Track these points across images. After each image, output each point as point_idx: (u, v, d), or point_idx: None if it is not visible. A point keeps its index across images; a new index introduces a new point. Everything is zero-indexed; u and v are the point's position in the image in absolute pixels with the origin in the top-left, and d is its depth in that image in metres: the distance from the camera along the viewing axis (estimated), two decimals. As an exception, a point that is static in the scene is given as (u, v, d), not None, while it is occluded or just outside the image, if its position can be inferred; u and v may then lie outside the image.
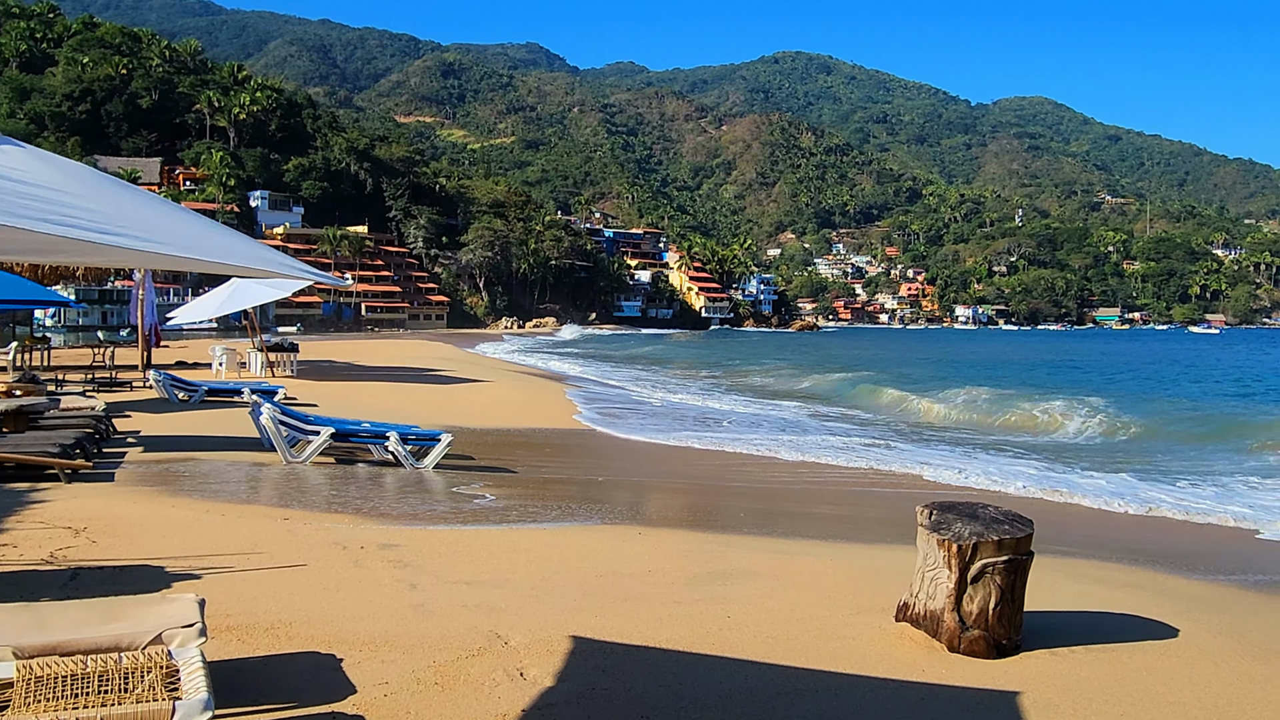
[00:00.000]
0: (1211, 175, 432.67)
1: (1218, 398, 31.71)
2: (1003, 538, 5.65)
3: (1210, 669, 5.66)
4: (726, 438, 17.75)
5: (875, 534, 9.82)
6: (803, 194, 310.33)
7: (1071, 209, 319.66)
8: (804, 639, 5.70)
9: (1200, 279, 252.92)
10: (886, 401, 27.67)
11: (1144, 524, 11.53)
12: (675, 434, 18.40)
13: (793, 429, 20.29)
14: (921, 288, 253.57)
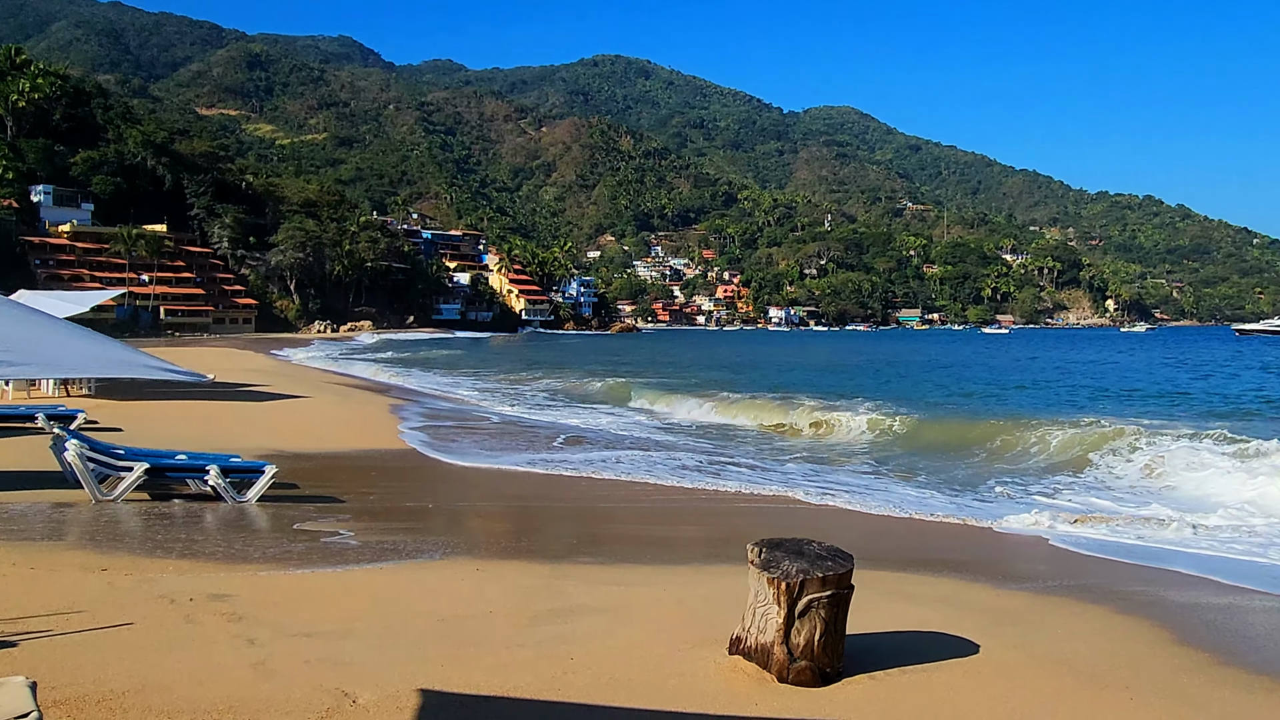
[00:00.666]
0: (1001, 185, 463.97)
1: (1012, 403, 34.14)
2: (826, 574, 6.07)
3: (1007, 684, 6.25)
4: (556, 458, 17.94)
5: (697, 554, 10.26)
6: (622, 197, 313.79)
7: (876, 215, 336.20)
8: (644, 678, 5.96)
9: (992, 282, 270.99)
10: (692, 413, 28.19)
11: (942, 531, 12.42)
12: (503, 452, 18.47)
13: (614, 443, 20.70)
14: (737, 290, 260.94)
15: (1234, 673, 6.82)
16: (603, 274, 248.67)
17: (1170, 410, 28.83)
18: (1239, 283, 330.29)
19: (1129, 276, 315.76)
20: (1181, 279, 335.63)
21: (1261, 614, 8.69)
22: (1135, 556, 11.16)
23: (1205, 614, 8.54)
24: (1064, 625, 7.93)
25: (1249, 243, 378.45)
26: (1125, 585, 9.57)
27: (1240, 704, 6.14)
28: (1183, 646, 7.42)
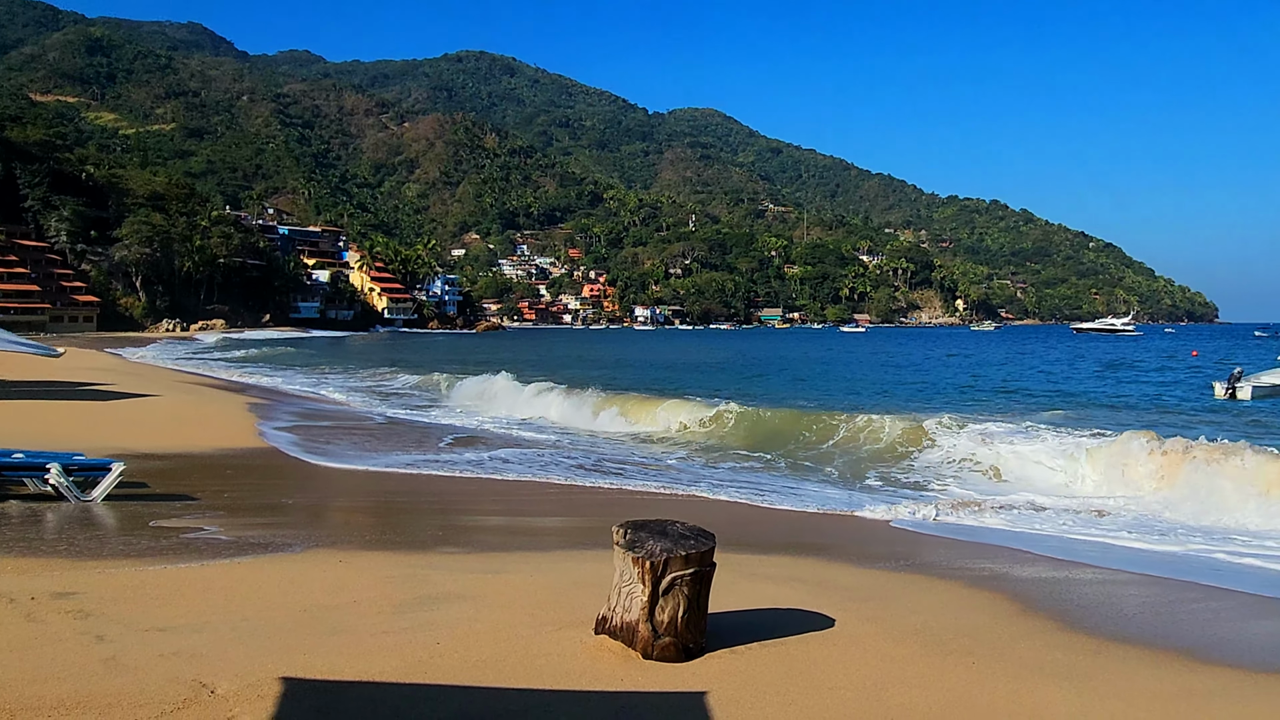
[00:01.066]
0: (858, 188, 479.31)
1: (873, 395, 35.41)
2: (689, 552, 6.24)
3: (860, 653, 6.56)
4: (437, 459, 17.75)
5: (566, 542, 10.36)
6: (487, 195, 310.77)
7: (739, 215, 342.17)
8: (511, 659, 6.01)
9: (849, 282, 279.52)
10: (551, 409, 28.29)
11: (802, 518, 12.87)
12: (374, 453, 18.19)
13: (474, 441, 20.61)
14: (603, 289, 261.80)
15: (1068, 637, 7.31)
16: (467, 272, 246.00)
17: (1009, 404, 30.49)
18: (1076, 284, 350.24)
19: (977, 277, 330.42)
20: (1025, 280, 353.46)
21: (1093, 585, 9.32)
22: (980, 537, 11.83)
23: (1044, 587, 9.11)
24: (914, 600, 8.33)
25: (1085, 246, 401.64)
26: (971, 563, 10.12)
27: (1071, 663, 6.60)
28: (1023, 616, 7.92)
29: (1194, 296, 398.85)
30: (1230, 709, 5.82)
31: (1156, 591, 9.15)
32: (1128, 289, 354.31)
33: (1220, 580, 9.65)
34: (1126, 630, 7.65)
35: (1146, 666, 6.65)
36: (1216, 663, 6.85)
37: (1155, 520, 12.83)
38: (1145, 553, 11.02)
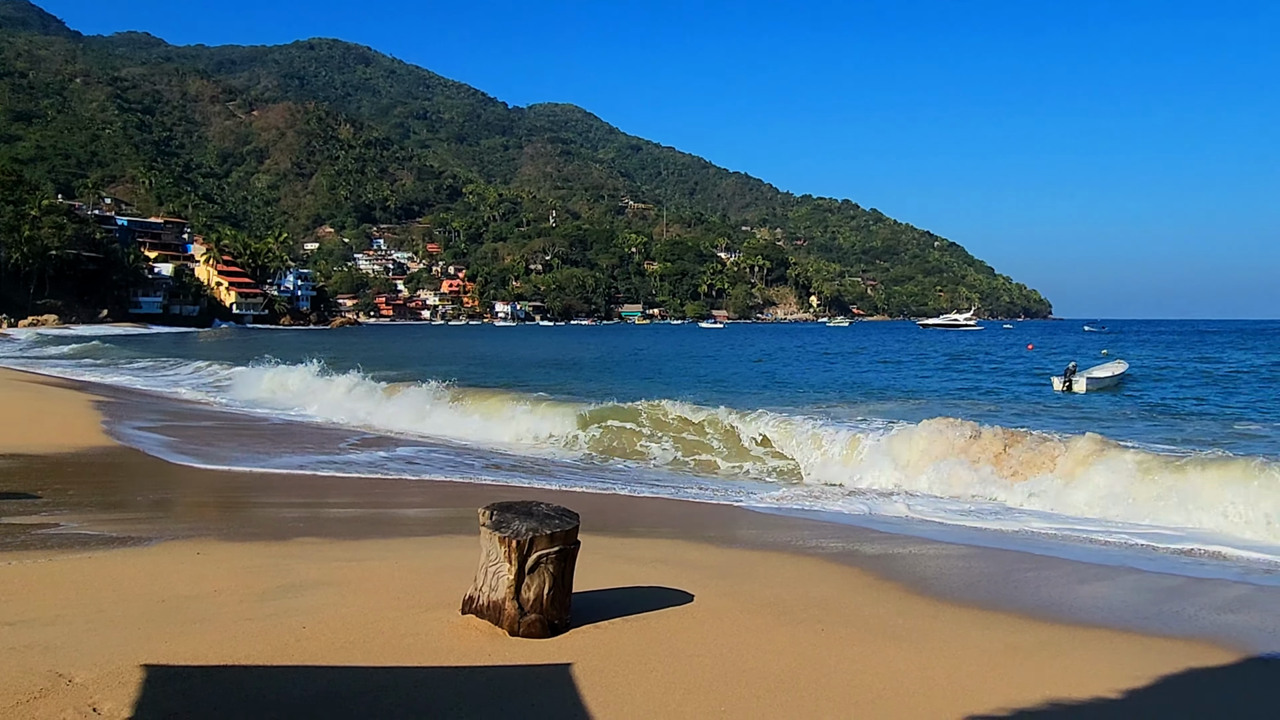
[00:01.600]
0: (716, 186, 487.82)
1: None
2: (554, 531, 6.44)
3: (717, 624, 6.89)
4: (267, 453, 17.39)
5: (434, 529, 10.39)
6: (342, 187, 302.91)
7: (600, 212, 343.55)
8: (379, 640, 6.09)
9: (708, 279, 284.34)
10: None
11: (664, 504, 13.24)
12: (214, 446, 17.71)
13: (324, 441, 20.30)
14: (463, 284, 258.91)
15: (911, 603, 7.83)
16: (322, 267, 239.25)
17: (866, 396, 31.80)
18: (923, 281, 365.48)
19: (830, 275, 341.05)
20: (875, 277, 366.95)
21: (935, 559, 9.96)
22: (831, 519, 12.44)
23: (890, 561, 9.68)
24: (769, 575, 8.74)
25: (931, 245, 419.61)
26: (824, 542, 10.64)
27: (912, 626, 7.09)
28: (870, 587, 8.42)
29: (1030, 294, 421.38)
30: (1050, 660, 6.38)
31: (993, 563, 9.83)
32: (970, 286, 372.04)
33: (1050, 552, 10.43)
34: (964, 596, 8.24)
35: (979, 628, 7.19)
36: (1042, 621, 7.46)
37: (991, 503, 13.68)
38: (983, 530, 11.78)
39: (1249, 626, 7.60)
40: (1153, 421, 23.81)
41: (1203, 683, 6.15)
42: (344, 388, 27.47)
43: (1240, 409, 27.64)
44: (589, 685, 5.44)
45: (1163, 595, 8.56)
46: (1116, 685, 5.92)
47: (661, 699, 5.28)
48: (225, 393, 30.72)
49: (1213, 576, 9.37)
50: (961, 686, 5.74)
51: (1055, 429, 17.37)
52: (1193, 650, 6.79)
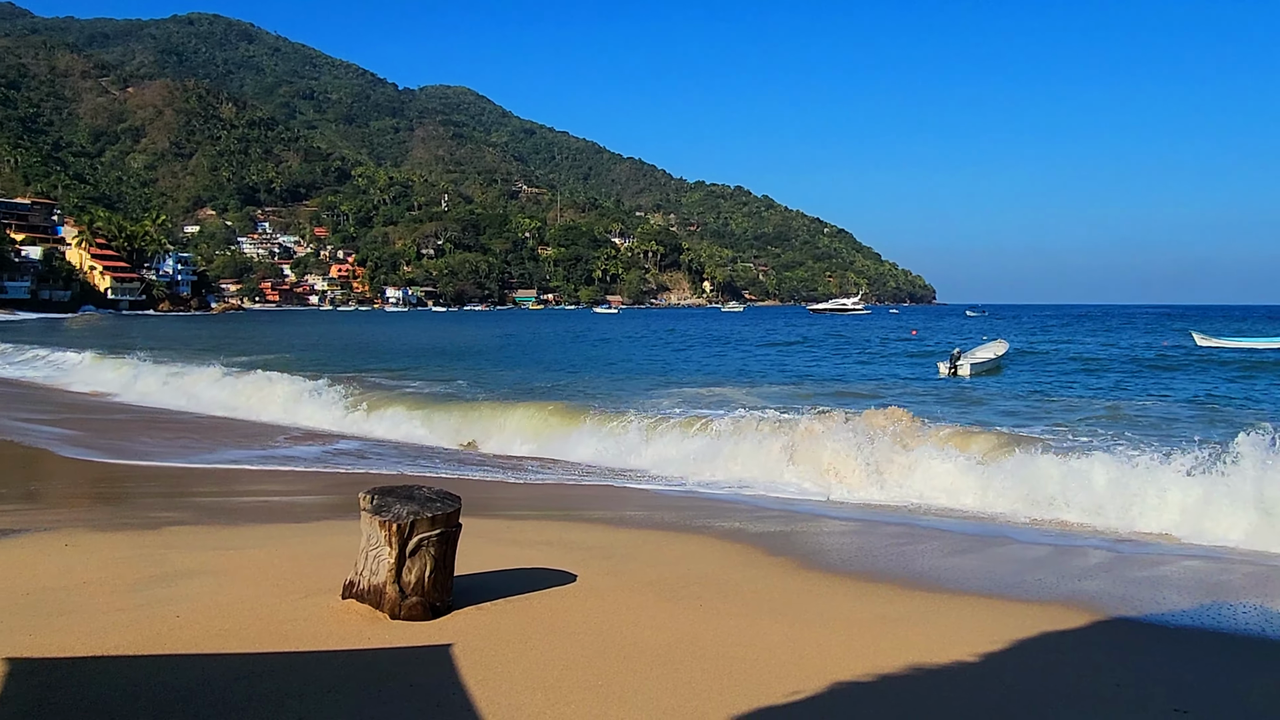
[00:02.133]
0: (610, 171, 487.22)
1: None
2: (435, 514, 6.48)
3: (598, 602, 7.03)
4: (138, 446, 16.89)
5: (315, 516, 10.27)
6: (224, 168, 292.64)
7: (493, 196, 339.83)
8: (257, 627, 6.04)
9: (602, 264, 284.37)
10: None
11: (551, 490, 13.33)
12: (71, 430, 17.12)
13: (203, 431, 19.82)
14: (352, 269, 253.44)
15: (789, 579, 8.09)
16: (203, 250, 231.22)
17: (758, 380, 32.40)
18: (813, 266, 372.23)
19: (723, 260, 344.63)
20: (766, 263, 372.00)
21: (817, 535, 10.30)
22: (720, 499, 12.69)
23: (774, 539, 9.92)
24: (653, 554, 8.92)
25: (821, 231, 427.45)
26: (711, 521, 10.87)
27: (788, 600, 7.35)
28: (750, 564, 8.64)
29: (915, 279, 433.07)
30: (915, 628, 6.69)
31: (872, 538, 10.21)
32: (858, 272, 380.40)
33: (927, 525, 10.86)
34: (841, 569, 8.54)
35: (852, 599, 7.49)
36: (913, 589, 7.81)
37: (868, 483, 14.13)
38: (869, 506, 12.18)
39: (1101, 591, 8.09)
40: (1027, 400, 24.92)
41: (1052, 643, 6.54)
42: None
43: (1107, 390, 29.09)
44: (469, 664, 5.52)
45: (1027, 565, 9.02)
46: (976, 649, 6.26)
47: (539, 675, 5.39)
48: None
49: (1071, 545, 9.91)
50: (830, 655, 5.99)
51: (937, 412, 18.03)
52: (1047, 614, 7.20)
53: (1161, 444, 13.08)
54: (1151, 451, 12.08)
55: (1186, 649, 6.50)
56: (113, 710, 4.66)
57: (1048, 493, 11.78)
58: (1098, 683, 5.69)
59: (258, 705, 4.79)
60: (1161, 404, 23.73)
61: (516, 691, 5.12)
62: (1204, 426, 18.16)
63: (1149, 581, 8.41)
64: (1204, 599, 7.78)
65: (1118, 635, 6.87)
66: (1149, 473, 11.34)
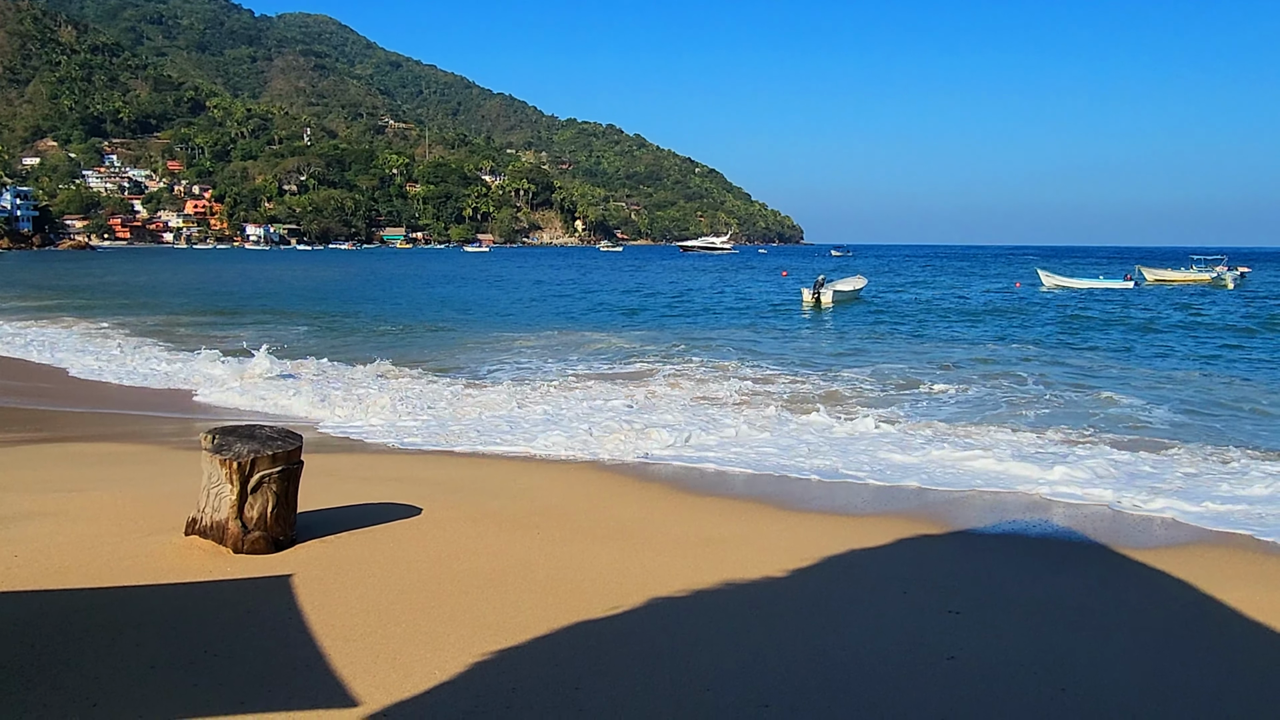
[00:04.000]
0: (480, 107, 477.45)
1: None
2: (276, 452, 6.70)
3: (440, 533, 7.39)
4: None
5: (166, 457, 10.28)
6: (65, 97, 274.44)
7: (358, 131, 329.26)
8: (97, 564, 6.19)
9: (473, 202, 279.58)
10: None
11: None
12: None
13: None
14: (210, 205, 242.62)
15: (630, 507, 8.58)
16: (45, 184, 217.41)
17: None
18: (684, 206, 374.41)
19: (595, 199, 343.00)
20: (639, 202, 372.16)
21: (657, 468, 10.81)
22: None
23: (619, 471, 10.42)
24: (501, 488, 9.30)
25: (692, 171, 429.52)
26: (565, 452, 11.29)
27: (620, 529, 7.84)
28: (588, 497, 9.12)
29: (784, 219, 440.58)
30: (734, 550, 7.27)
31: (693, 472, 10.80)
32: (729, 212, 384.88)
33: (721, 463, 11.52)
34: (673, 502, 9.09)
35: (679, 525, 8.04)
36: (740, 516, 8.41)
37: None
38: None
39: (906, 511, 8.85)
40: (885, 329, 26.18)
41: (856, 558, 7.22)
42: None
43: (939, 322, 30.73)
44: (307, 592, 5.82)
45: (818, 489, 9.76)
46: (785, 566, 6.88)
47: (375, 599, 5.74)
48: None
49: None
50: (653, 575, 6.51)
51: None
52: (857, 532, 7.90)
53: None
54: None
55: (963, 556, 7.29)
56: (-53, 644, 4.81)
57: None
58: (888, 589, 6.37)
59: (94, 634, 5.00)
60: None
61: (351, 614, 5.46)
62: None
63: (946, 504, 9.23)
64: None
65: (914, 546, 7.61)
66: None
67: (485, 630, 5.29)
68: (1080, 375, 19.52)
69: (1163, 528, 8.43)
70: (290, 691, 4.39)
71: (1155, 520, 8.63)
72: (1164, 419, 14.36)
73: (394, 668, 4.70)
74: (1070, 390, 17.13)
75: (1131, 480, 10.00)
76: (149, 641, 4.93)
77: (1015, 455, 11.14)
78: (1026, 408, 15.17)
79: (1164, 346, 25.92)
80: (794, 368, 20.10)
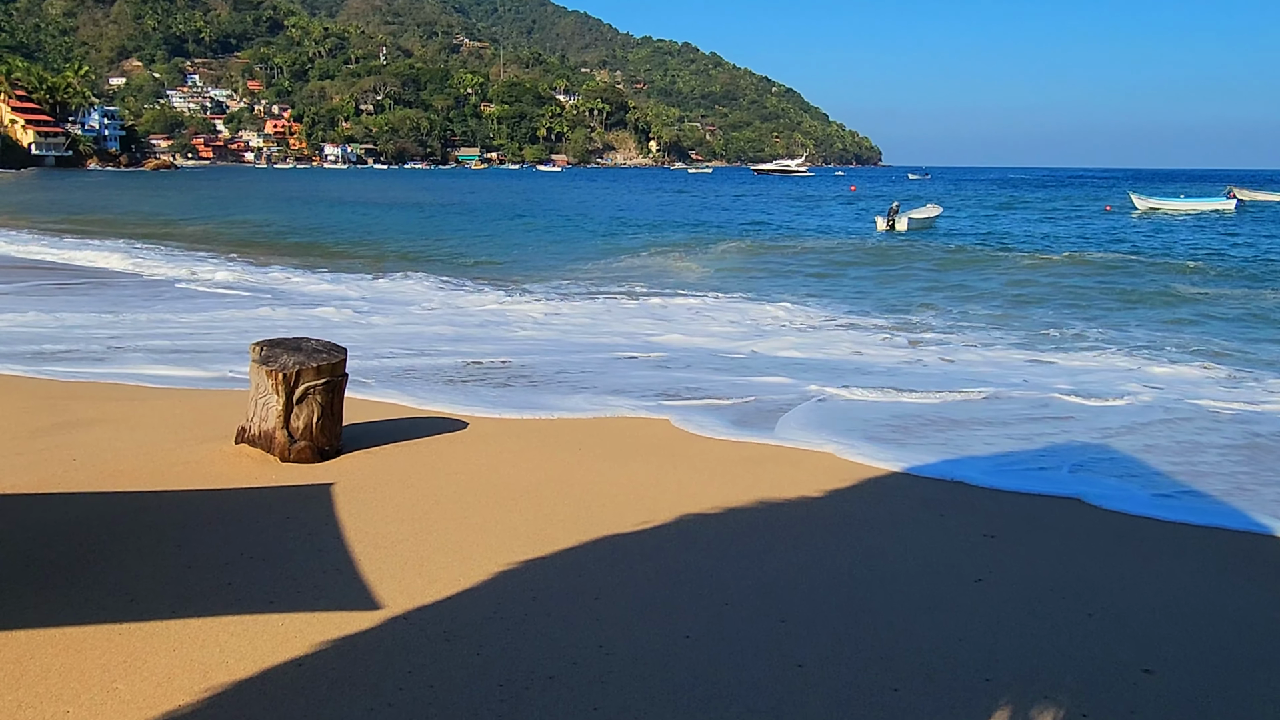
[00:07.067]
0: (555, 25, 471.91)
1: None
2: (321, 364, 6.83)
3: (482, 446, 7.51)
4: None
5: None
6: (149, 16, 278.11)
7: (433, 50, 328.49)
8: (150, 469, 6.43)
9: (547, 122, 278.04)
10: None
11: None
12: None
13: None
14: (288, 125, 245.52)
15: (671, 433, 8.58)
16: (130, 105, 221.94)
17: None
18: (760, 127, 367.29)
19: (669, 120, 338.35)
20: (714, 123, 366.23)
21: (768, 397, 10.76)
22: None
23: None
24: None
25: (769, 90, 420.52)
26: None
27: (664, 447, 7.86)
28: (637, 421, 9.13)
29: (862, 141, 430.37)
30: (769, 468, 7.26)
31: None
32: (805, 133, 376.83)
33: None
34: (713, 428, 9.05)
35: (724, 446, 8.03)
36: (781, 441, 8.37)
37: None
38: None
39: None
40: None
41: (892, 483, 7.16)
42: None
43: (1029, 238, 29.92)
44: (346, 501, 5.97)
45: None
46: (823, 486, 6.85)
47: (410, 509, 5.86)
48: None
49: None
50: (687, 492, 6.54)
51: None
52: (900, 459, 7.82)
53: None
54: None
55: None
56: (2, 541, 5.05)
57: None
58: (922, 513, 6.32)
59: (139, 536, 5.20)
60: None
61: (386, 523, 5.59)
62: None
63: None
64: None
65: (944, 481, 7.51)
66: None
67: (515, 541, 5.38)
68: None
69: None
70: (318, 593, 4.53)
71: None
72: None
73: (419, 574, 4.82)
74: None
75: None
76: (190, 543, 5.12)
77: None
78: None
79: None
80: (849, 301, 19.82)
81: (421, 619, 4.31)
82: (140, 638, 4.02)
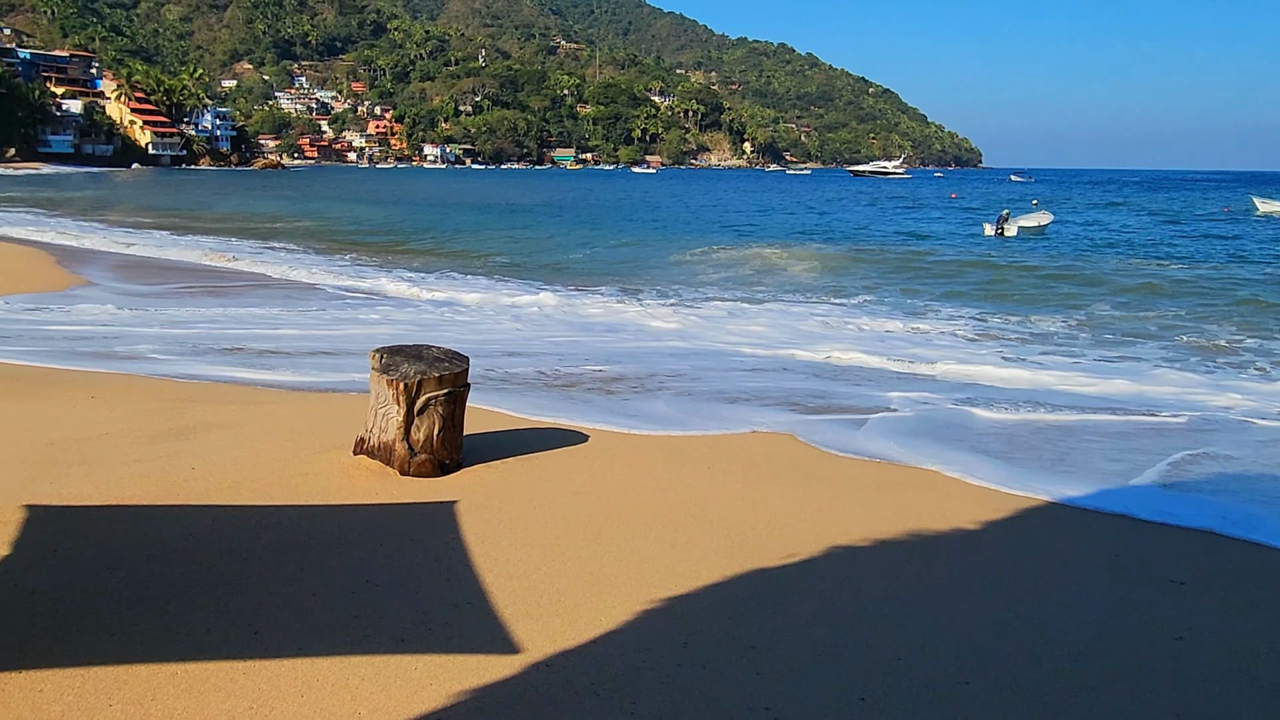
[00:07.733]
0: (650, 27, 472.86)
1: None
2: (443, 374, 6.51)
3: (606, 462, 7.11)
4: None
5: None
6: (259, 21, 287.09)
7: (530, 52, 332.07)
8: (269, 480, 6.18)
9: (641, 123, 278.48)
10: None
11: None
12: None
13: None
14: (390, 126, 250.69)
15: (782, 455, 8.09)
16: (241, 106, 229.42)
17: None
18: (856, 128, 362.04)
19: (764, 121, 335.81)
20: (809, 124, 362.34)
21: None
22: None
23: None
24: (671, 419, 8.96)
25: (866, 91, 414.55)
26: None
27: (796, 468, 7.36)
28: (776, 439, 8.65)
29: (961, 142, 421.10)
30: (913, 494, 6.71)
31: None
32: (903, 134, 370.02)
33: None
34: (861, 450, 8.50)
35: (860, 469, 7.49)
36: (916, 466, 7.79)
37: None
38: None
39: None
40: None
41: (1049, 515, 6.54)
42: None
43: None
44: (470, 521, 5.62)
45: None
46: (975, 517, 6.28)
47: (539, 533, 5.48)
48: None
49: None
50: (830, 520, 6.04)
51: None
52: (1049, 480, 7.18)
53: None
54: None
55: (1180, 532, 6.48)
56: (122, 557, 4.81)
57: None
58: (1093, 552, 5.71)
59: (261, 554, 4.92)
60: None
61: (515, 548, 5.22)
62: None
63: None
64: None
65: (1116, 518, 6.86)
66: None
67: (655, 573, 4.96)
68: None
69: None
70: (450, 631, 4.17)
71: None
72: None
73: (558, 612, 4.42)
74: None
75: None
76: (313, 566, 4.82)
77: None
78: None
79: None
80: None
81: (565, 666, 3.91)
82: (265, 679, 3.70)
